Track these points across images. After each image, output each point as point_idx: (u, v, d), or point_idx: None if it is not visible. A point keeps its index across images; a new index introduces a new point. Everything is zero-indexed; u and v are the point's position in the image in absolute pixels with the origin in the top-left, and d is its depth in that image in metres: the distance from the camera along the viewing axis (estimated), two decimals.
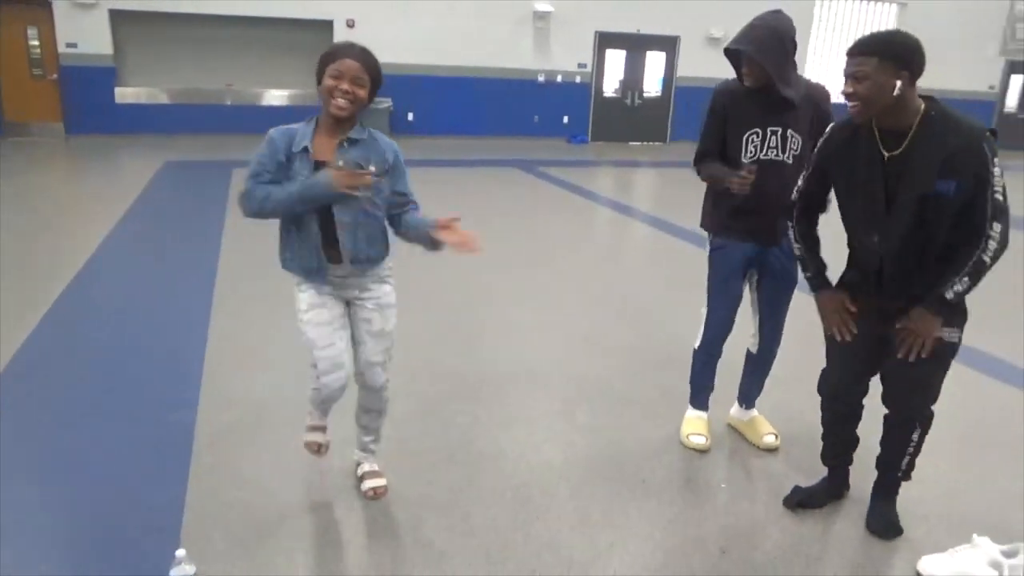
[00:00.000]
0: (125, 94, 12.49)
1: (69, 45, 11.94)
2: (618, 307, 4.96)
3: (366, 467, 2.73)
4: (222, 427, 3.10)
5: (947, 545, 2.42)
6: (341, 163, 2.27)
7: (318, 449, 2.64)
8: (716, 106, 2.85)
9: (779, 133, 2.75)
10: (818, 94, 2.79)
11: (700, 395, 3.17)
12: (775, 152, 2.76)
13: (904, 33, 2.18)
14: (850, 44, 2.19)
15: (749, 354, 3.14)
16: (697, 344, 3.09)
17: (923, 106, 2.18)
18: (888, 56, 2.11)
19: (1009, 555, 2.33)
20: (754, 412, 3.21)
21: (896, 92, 2.12)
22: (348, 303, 2.49)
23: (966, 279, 2.19)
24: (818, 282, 2.52)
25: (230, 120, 12.91)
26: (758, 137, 2.76)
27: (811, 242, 2.55)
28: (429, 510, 2.60)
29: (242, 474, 2.77)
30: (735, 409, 3.27)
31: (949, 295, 2.21)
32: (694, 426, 3.14)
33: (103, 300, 4.70)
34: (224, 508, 2.55)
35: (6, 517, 2.44)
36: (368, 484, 2.67)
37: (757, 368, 3.14)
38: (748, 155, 2.77)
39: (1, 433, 2.96)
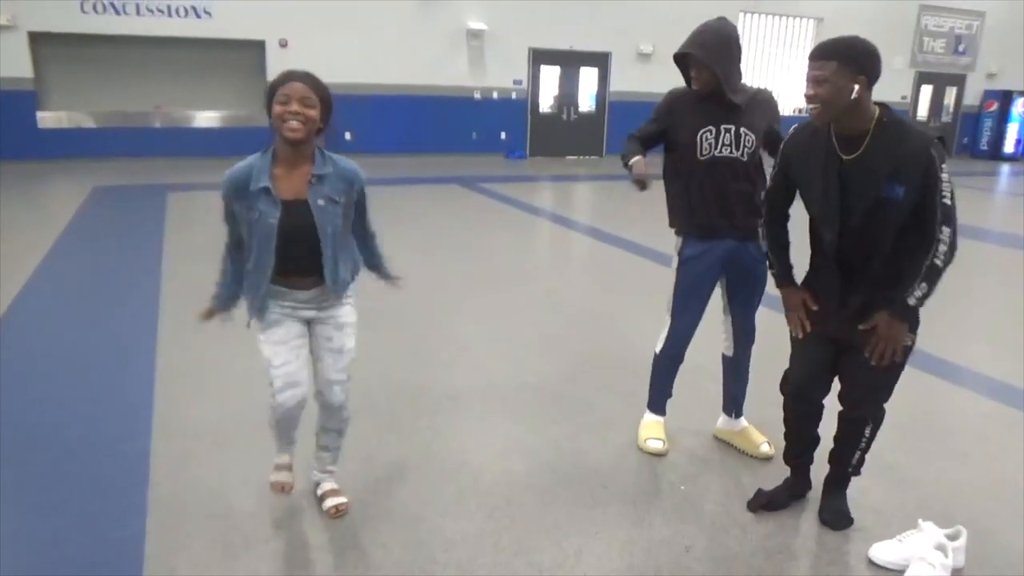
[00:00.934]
0: (48, 118, 12.09)
1: None
2: (567, 317, 5.04)
3: (326, 486, 2.72)
4: (179, 454, 3.03)
5: (896, 531, 2.55)
6: (321, 202, 2.31)
7: (282, 489, 2.60)
8: (660, 112, 2.93)
9: (732, 131, 2.80)
10: (765, 98, 2.89)
11: (659, 400, 3.23)
12: (729, 149, 2.81)
13: (863, 40, 2.26)
14: (812, 49, 2.29)
15: (726, 359, 3.17)
16: (659, 350, 3.13)
17: (878, 112, 2.29)
18: (847, 61, 2.20)
19: (952, 537, 2.47)
20: (744, 422, 3.22)
21: (853, 96, 2.22)
22: (308, 322, 2.48)
23: (924, 284, 2.27)
24: (783, 280, 2.61)
25: (160, 143, 12.64)
26: (711, 135, 2.80)
27: (779, 241, 2.63)
28: (397, 525, 2.60)
29: (203, 500, 2.71)
30: (723, 420, 3.28)
31: (911, 301, 2.29)
32: (651, 430, 3.21)
33: (40, 334, 4.52)
34: (187, 535, 2.50)
35: None
36: (330, 502, 2.66)
37: (737, 372, 3.16)
38: (703, 153, 2.82)
39: None
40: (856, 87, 2.21)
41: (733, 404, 3.23)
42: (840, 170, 2.34)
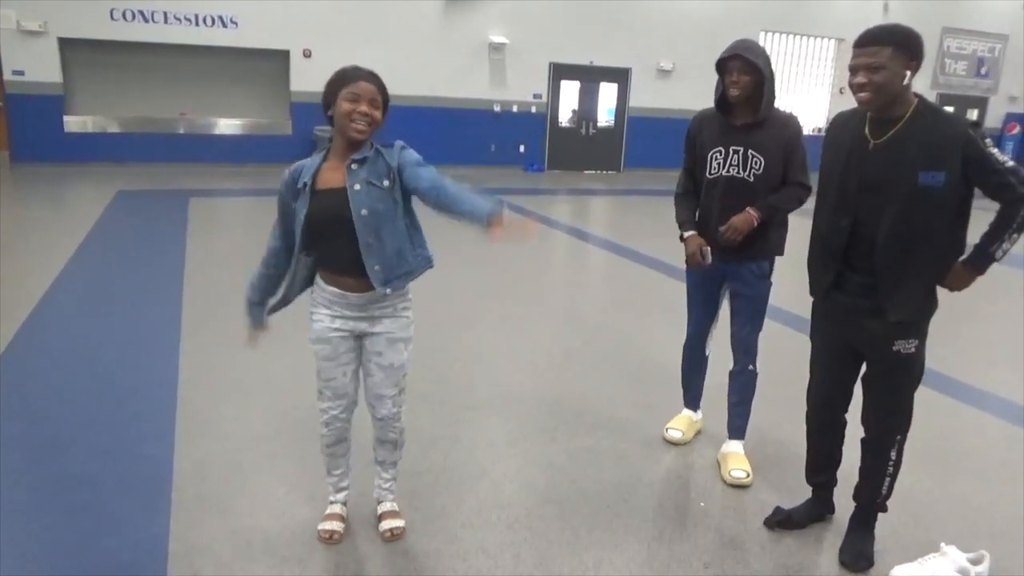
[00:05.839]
0: (74, 122, 12.27)
1: (16, 72, 11.70)
2: (585, 329, 5.04)
3: (386, 506, 2.67)
4: (202, 459, 3.06)
5: (917, 555, 2.53)
6: (357, 187, 2.27)
7: (330, 538, 2.53)
8: (689, 131, 3.08)
9: (740, 152, 2.90)
10: (783, 120, 2.93)
11: (686, 393, 3.41)
12: (736, 170, 2.92)
13: (909, 27, 2.26)
14: (859, 36, 2.25)
15: (729, 373, 3.17)
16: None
17: (915, 99, 2.28)
18: (902, 46, 2.20)
19: (975, 562, 2.46)
20: (731, 447, 3.18)
21: (905, 82, 2.22)
22: (359, 336, 2.43)
23: (1015, 235, 2.22)
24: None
25: (184, 149, 12.79)
26: (721, 155, 2.94)
27: None
28: (417, 535, 2.62)
29: (226, 505, 2.74)
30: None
31: (998, 254, 2.25)
32: (676, 421, 3.38)
33: (65, 336, 4.59)
34: (211, 539, 2.53)
35: None
36: (386, 524, 2.61)
37: (735, 390, 3.15)
38: (711, 171, 2.96)
39: None
40: (908, 73, 2.21)
41: (729, 424, 3.20)
42: (865, 154, 2.31)
